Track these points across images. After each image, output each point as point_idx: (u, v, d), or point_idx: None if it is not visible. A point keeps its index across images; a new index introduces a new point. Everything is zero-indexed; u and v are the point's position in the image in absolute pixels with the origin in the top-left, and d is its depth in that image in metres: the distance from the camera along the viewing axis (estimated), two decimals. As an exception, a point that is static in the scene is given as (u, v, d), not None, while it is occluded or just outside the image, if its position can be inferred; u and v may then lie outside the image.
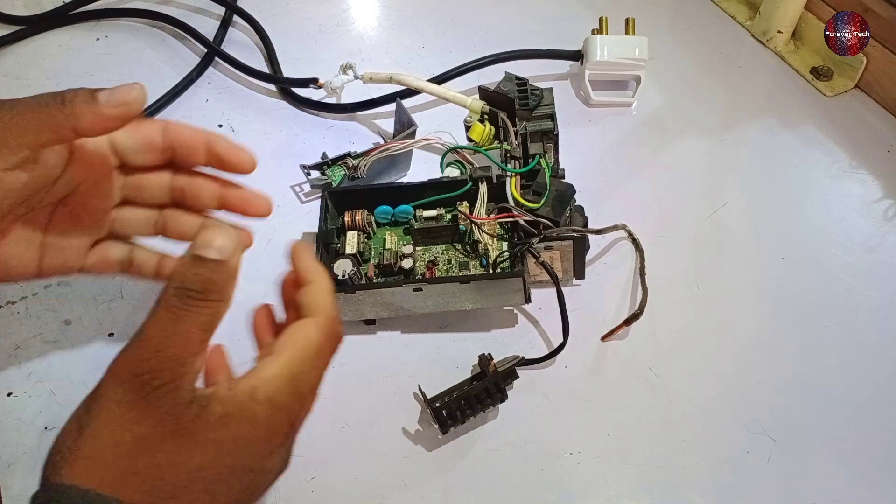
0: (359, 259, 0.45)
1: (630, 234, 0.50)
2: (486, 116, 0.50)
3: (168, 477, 0.25)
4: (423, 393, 0.41)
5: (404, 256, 0.45)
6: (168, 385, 0.25)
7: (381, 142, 0.58)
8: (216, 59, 0.66)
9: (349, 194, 0.49)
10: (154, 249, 0.38)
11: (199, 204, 0.36)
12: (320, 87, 0.59)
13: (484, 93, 0.50)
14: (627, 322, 0.45)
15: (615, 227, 0.48)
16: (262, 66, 0.65)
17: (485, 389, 0.41)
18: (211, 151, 0.34)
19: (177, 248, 0.39)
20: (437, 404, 0.40)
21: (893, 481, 0.40)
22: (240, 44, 0.68)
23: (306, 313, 0.30)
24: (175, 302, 0.25)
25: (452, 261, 0.46)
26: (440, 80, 0.59)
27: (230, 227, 0.28)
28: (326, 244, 0.46)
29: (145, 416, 0.24)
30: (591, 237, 0.47)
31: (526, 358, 0.43)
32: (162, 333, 0.25)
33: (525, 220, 0.43)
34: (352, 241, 0.46)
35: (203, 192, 0.36)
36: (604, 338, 0.46)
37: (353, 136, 0.59)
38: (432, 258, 0.46)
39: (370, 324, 0.47)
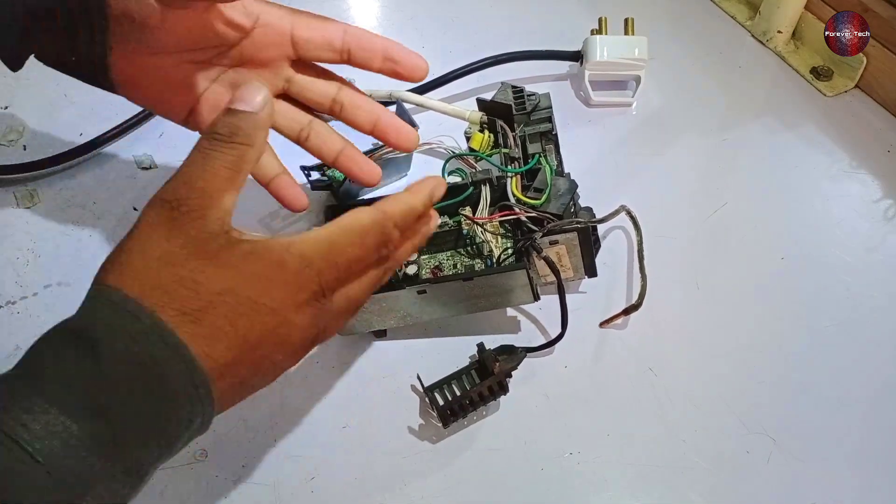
0: None
1: (629, 213, 0.50)
2: (485, 126, 0.51)
3: (189, 293, 0.26)
4: (420, 382, 0.41)
5: (408, 263, 0.45)
6: (195, 212, 0.28)
7: (382, 142, 0.58)
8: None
9: (350, 209, 0.48)
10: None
11: (355, 122, 0.41)
12: None
13: (482, 104, 0.51)
14: (626, 311, 0.45)
15: (617, 212, 0.48)
16: (262, 66, 0.65)
17: (488, 388, 0.41)
18: (387, 56, 0.38)
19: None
20: (435, 392, 0.41)
21: (893, 481, 0.40)
22: (240, 44, 0.68)
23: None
24: (205, 144, 0.29)
25: (458, 265, 0.46)
26: (440, 82, 0.59)
27: (262, 87, 0.31)
28: None
29: (172, 236, 0.27)
30: (598, 235, 0.47)
31: (524, 347, 0.44)
32: (191, 169, 0.29)
33: (527, 216, 0.43)
34: None
35: (361, 111, 0.41)
36: (602, 324, 0.46)
37: (352, 137, 0.59)
38: (437, 264, 0.46)
39: (381, 335, 0.47)
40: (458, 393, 0.41)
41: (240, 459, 0.41)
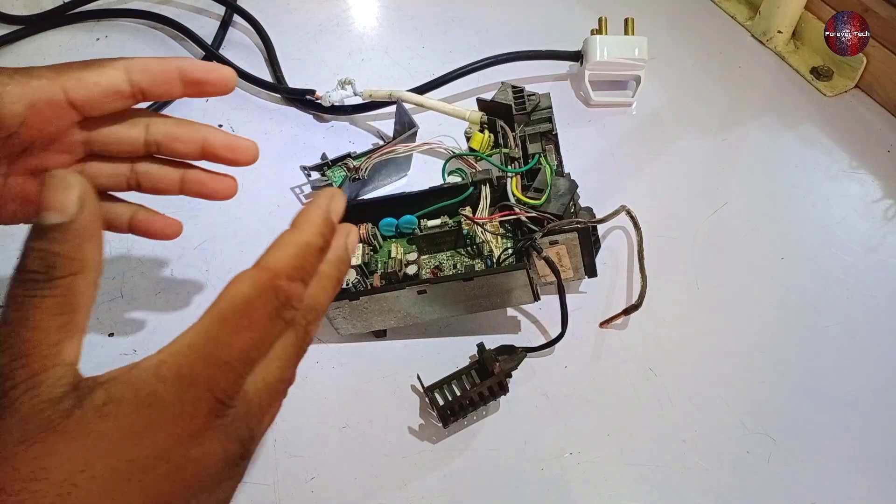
0: (364, 270, 0.45)
1: (630, 213, 0.50)
2: (485, 126, 0.51)
3: (40, 487, 0.20)
4: (420, 382, 0.41)
5: (408, 263, 0.45)
6: (22, 385, 0.21)
7: (381, 142, 0.58)
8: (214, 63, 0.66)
9: (352, 209, 0.49)
10: (128, 202, 0.38)
11: (178, 153, 0.35)
12: (318, 99, 0.59)
13: (482, 104, 0.51)
14: (626, 312, 0.46)
15: (617, 212, 0.48)
16: (263, 66, 0.65)
17: (488, 388, 0.41)
18: (186, 80, 0.32)
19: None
20: (435, 392, 0.41)
21: (893, 481, 0.40)
22: (240, 44, 0.68)
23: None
24: (19, 292, 0.22)
25: (458, 265, 0.46)
26: (440, 82, 0.59)
27: (72, 176, 0.23)
28: None
29: None
30: (598, 235, 0.47)
31: (524, 347, 0.44)
32: (10, 331, 0.22)
33: (527, 217, 0.43)
34: (356, 254, 0.45)
35: (179, 143, 0.34)
36: (602, 324, 0.46)
37: (352, 137, 0.59)
38: (437, 264, 0.46)
39: (381, 335, 0.47)
40: (458, 393, 0.41)
41: (240, 459, 0.41)
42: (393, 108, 0.56)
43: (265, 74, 0.64)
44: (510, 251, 0.44)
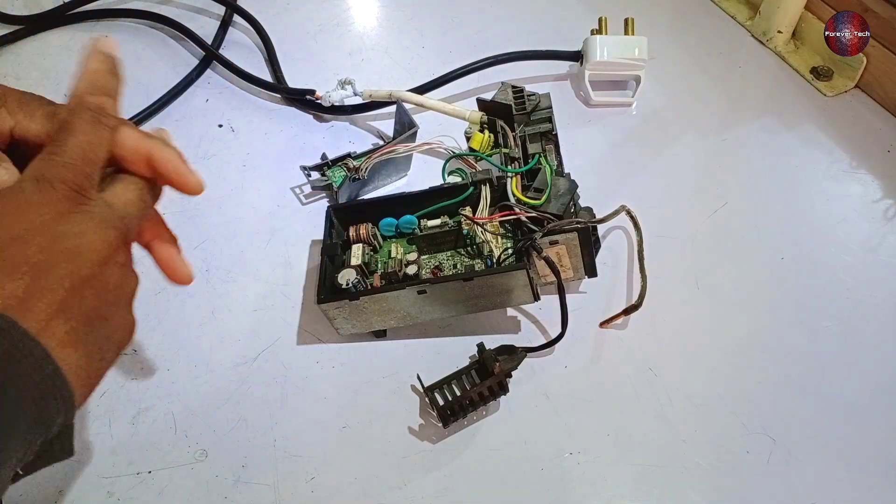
0: (364, 270, 0.45)
1: (630, 213, 0.50)
2: (485, 126, 0.51)
3: None
4: (420, 382, 0.41)
5: (408, 263, 0.45)
6: None
7: (381, 142, 0.58)
8: (214, 62, 0.66)
9: (353, 209, 0.49)
10: None
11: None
12: (318, 99, 0.59)
13: (482, 104, 0.51)
14: (626, 312, 0.46)
15: (617, 212, 0.48)
16: (262, 66, 0.65)
17: (488, 388, 0.41)
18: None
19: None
20: (435, 392, 0.41)
21: (893, 481, 0.40)
22: (240, 44, 0.68)
23: None
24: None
25: (458, 265, 0.46)
26: (440, 82, 0.59)
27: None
28: (331, 257, 0.46)
29: None
30: (598, 235, 0.47)
31: (524, 347, 0.44)
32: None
33: (527, 217, 0.43)
34: (357, 254, 0.45)
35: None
36: (602, 324, 0.46)
37: (352, 137, 0.59)
38: (437, 264, 0.46)
39: (381, 335, 0.47)
40: (458, 393, 0.41)
41: (240, 459, 0.41)
42: (393, 108, 0.56)
43: (265, 74, 0.64)
44: (510, 251, 0.44)
